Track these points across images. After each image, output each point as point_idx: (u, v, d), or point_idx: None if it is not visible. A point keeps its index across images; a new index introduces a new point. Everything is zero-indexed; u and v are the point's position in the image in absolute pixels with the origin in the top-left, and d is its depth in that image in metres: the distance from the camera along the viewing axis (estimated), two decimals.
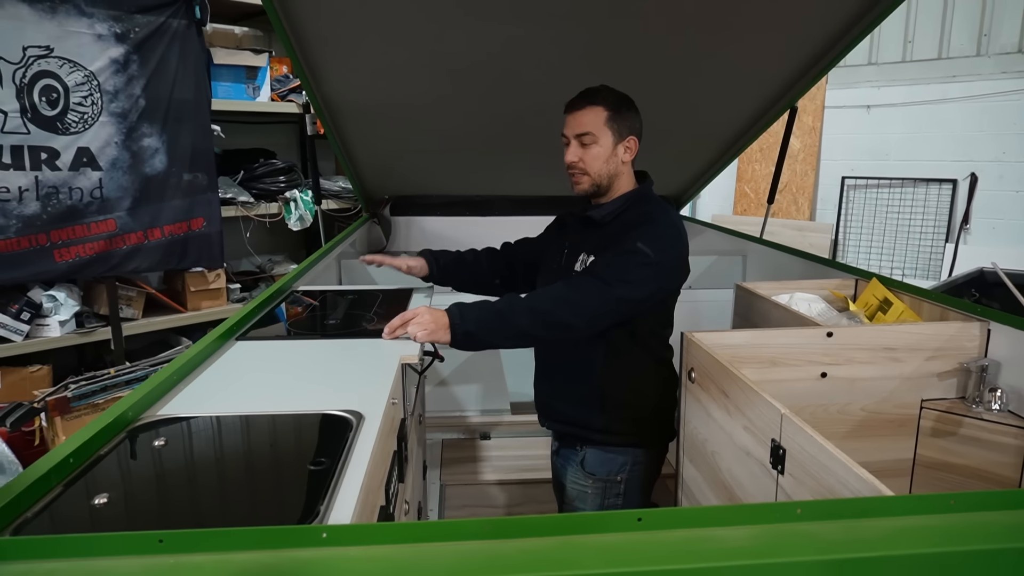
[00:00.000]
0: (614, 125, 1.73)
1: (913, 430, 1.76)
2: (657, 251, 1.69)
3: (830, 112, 5.47)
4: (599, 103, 1.73)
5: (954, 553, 0.77)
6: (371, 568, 0.73)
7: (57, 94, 3.28)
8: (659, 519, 0.81)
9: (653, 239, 1.69)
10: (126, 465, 0.95)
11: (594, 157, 1.73)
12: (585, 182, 1.76)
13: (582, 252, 1.80)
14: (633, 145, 1.77)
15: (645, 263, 1.67)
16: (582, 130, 1.72)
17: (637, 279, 1.67)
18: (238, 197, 4.09)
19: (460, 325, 1.55)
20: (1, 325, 3.25)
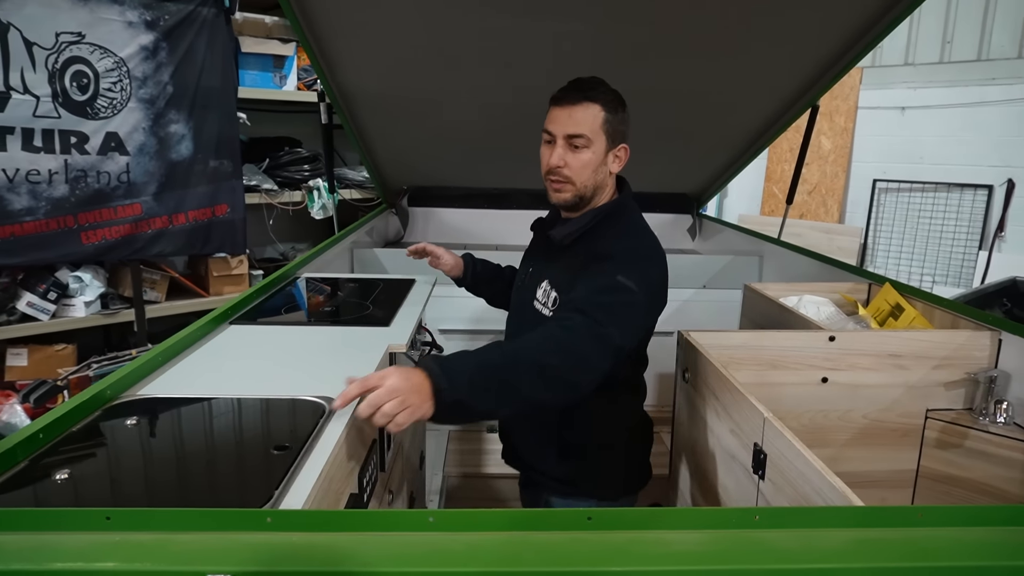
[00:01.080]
0: (609, 129, 1.48)
1: (917, 440, 1.71)
2: (639, 282, 1.40)
3: (863, 113, 5.34)
4: (597, 100, 1.47)
5: (911, 569, 0.74)
6: (311, 555, 0.73)
7: (88, 80, 3.35)
8: (609, 519, 0.79)
9: (631, 268, 1.41)
10: (94, 443, 0.97)
11: (584, 164, 1.47)
12: (568, 192, 1.50)
13: (545, 279, 1.56)
14: (623, 155, 1.54)
15: (631, 302, 1.38)
16: (576, 130, 1.46)
17: (627, 323, 1.37)
18: (262, 185, 4.14)
19: (448, 392, 1.13)
20: (29, 304, 3.34)
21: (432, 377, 1.12)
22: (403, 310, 1.69)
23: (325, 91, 2.56)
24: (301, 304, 1.81)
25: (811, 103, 2.65)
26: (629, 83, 2.41)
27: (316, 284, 2.01)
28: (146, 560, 0.71)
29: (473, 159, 3.16)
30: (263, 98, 4.13)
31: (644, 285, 1.41)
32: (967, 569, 0.75)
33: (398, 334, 1.50)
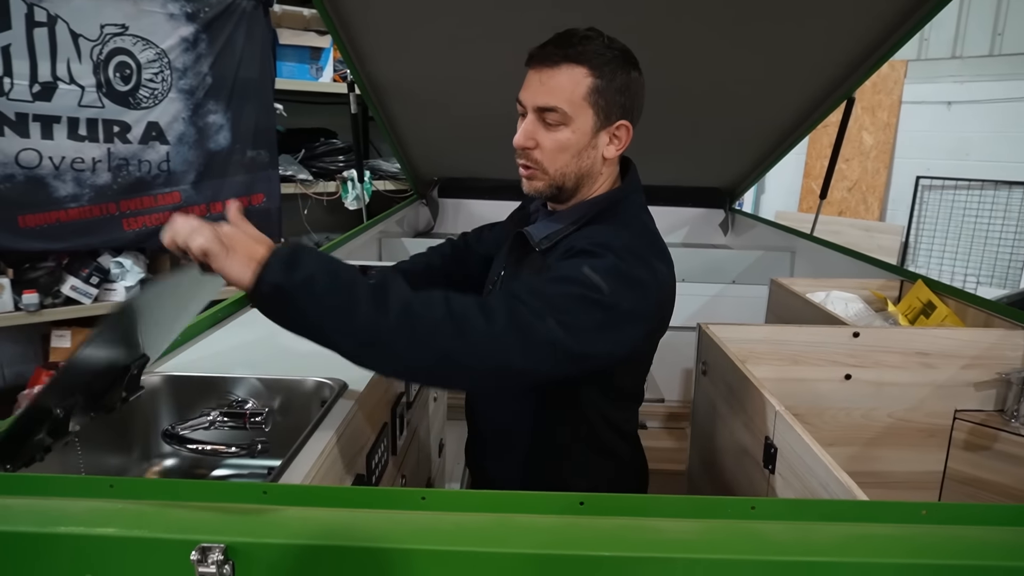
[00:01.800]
0: (600, 101, 1.13)
1: (944, 441, 1.66)
2: (614, 286, 1.03)
3: (907, 108, 5.18)
4: (584, 62, 1.11)
5: (909, 566, 0.72)
6: (303, 528, 0.74)
7: (130, 70, 3.43)
8: (602, 505, 0.79)
9: (609, 265, 1.05)
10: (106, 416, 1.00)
11: (559, 146, 1.14)
12: (540, 180, 1.18)
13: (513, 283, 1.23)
14: (624, 135, 1.19)
15: (592, 300, 1.01)
16: (547, 102, 1.12)
17: (578, 322, 1.00)
18: (298, 175, 4.21)
19: (277, 273, 0.88)
20: (72, 288, 3.45)
21: (274, 254, 0.89)
22: None
23: (356, 82, 2.58)
24: None
25: (847, 96, 2.58)
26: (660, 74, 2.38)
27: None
28: (144, 527, 0.73)
29: (504, 151, 3.12)
30: (300, 89, 4.19)
31: (622, 290, 1.03)
32: (968, 568, 0.72)
33: None
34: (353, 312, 0.89)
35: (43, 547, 0.72)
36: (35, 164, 3.13)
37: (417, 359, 0.92)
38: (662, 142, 2.93)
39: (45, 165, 3.16)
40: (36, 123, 3.14)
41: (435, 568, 0.73)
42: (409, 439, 1.55)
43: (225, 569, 0.71)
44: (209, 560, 0.71)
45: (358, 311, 0.89)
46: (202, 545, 0.71)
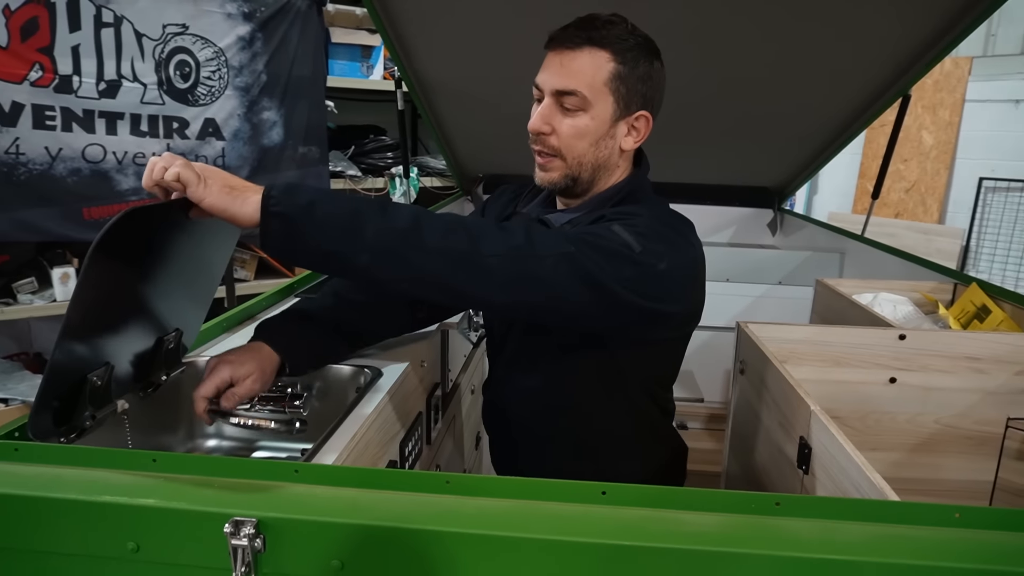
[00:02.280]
0: (621, 88, 1.09)
1: (995, 450, 1.61)
2: (647, 248, 1.01)
3: (971, 106, 4.98)
4: (607, 46, 1.08)
5: (935, 568, 0.71)
6: (331, 507, 0.77)
7: (190, 68, 3.55)
8: (625, 495, 0.79)
9: (640, 230, 1.03)
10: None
11: (578, 133, 1.10)
12: (555, 170, 1.13)
13: None
14: (643, 126, 1.15)
15: (624, 256, 0.99)
16: (567, 85, 1.08)
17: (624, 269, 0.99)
18: (347, 171, 4.29)
19: (280, 202, 0.86)
20: None
21: (271, 188, 0.87)
22: None
23: (403, 79, 2.62)
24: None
25: (902, 93, 2.51)
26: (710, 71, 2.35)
27: None
28: (182, 500, 0.77)
29: None
30: (350, 87, 4.27)
31: (652, 255, 1.01)
32: (1001, 574, 0.70)
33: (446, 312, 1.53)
34: (363, 226, 0.87)
35: (89, 514, 0.77)
36: (100, 158, 3.27)
37: (433, 264, 0.90)
38: (710, 140, 2.90)
39: (109, 159, 3.30)
40: (101, 119, 3.28)
41: (457, 549, 0.74)
42: (445, 430, 1.58)
43: (256, 543, 0.74)
44: (241, 533, 0.74)
45: (368, 224, 0.88)
46: (235, 519, 0.74)
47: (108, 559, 0.77)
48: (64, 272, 3.28)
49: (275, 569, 0.75)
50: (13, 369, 3.22)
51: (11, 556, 0.78)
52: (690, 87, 2.47)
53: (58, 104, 3.10)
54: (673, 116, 1.65)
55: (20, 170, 3.03)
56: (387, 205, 0.91)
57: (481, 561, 0.74)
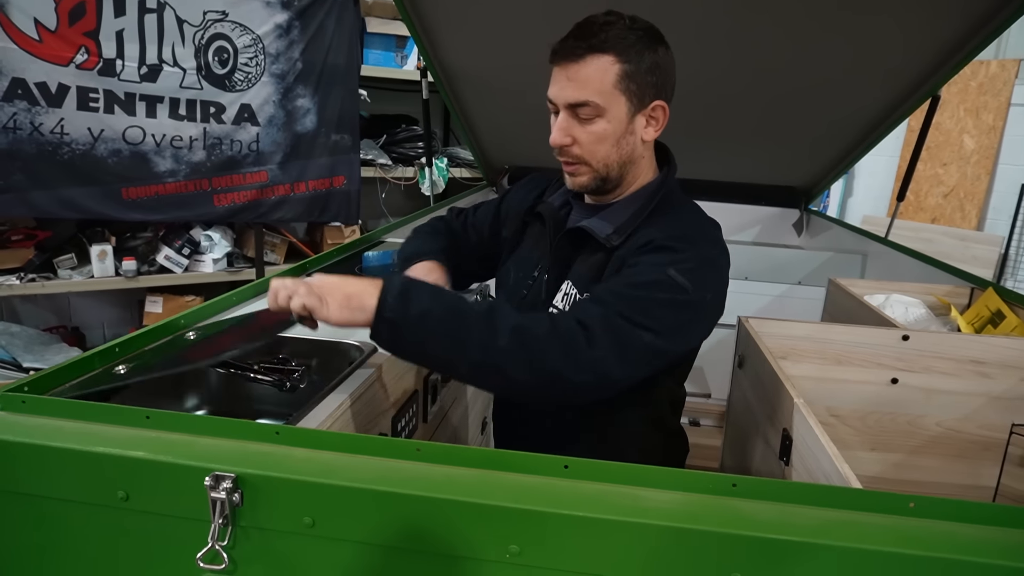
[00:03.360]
0: (632, 86, 1.12)
1: (998, 456, 1.59)
2: (697, 284, 1.08)
3: (1016, 110, 4.84)
4: (609, 50, 1.10)
5: (888, 554, 0.72)
6: (307, 467, 0.81)
7: (228, 55, 3.65)
8: (587, 470, 0.82)
9: (690, 265, 1.09)
10: (158, 359, 1.11)
11: (598, 139, 1.14)
12: (584, 175, 1.18)
13: (567, 280, 1.24)
14: (661, 115, 1.17)
15: (681, 302, 1.07)
16: (579, 97, 1.11)
17: (670, 323, 1.06)
18: (378, 160, 4.36)
19: (393, 309, 0.98)
20: (166, 258, 3.71)
21: (385, 290, 0.99)
22: None
23: (428, 69, 2.66)
24: (374, 263, 1.92)
25: (931, 92, 2.47)
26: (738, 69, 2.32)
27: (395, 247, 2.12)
28: (169, 454, 0.82)
29: None
30: (384, 76, 4.33)
31: (705, 283, 1.10)
32: (949, 562, 0.71)
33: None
34: (467, 339, 0.97)
35: (84, 463, 0.82)
36: (139, 140, 3.38)
37: (528, 379, 1.00)
38: (739, 138, 2.89)
39: (148, 142, 3.41)
40: (142, 102, 3.39)
41: (422, 513, 0.78)
42: (445, 410, 1.62)
43: (235, 497, 0.79)
44: (220, 487, 0.78)
45: (471, 338, 0.97)
46: (216, 473, 0.79)
47: (100, 506, 0.83)
48: (102, 250, 3.41)
49: (251, 522, 0.80)
50: (51, 341, 3.36)
51: (12, 500, 0.84)
52: (720, 85, 2.47)
53: (101, 87, 3.22)
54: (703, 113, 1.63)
55: (64, 150, 3.15)
56: (495, 311, 1.01)
57: (444, 525, 0.78)
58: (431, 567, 0.79)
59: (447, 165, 4.60)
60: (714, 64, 2.40)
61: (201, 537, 0.80)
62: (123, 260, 3.46)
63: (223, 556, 0.80)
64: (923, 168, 5.20)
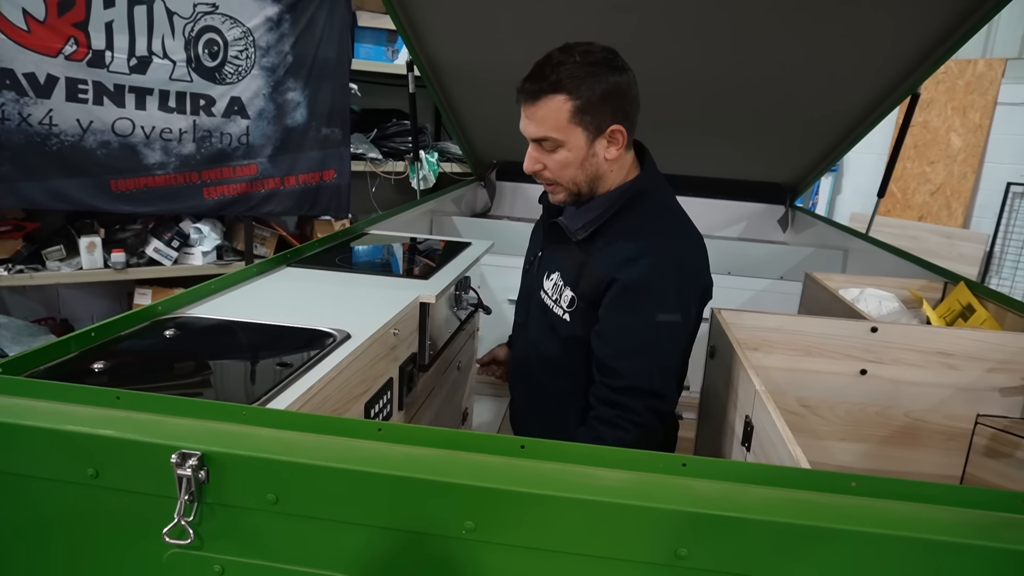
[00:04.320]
0: (586, 118, 1.26)
1: (964, 446, 1.62)
2: (682, 304, 1.31)
3: (1003, 109, 4.87)
4: (561, 90, 1.25)
5: (827, 530, 0.75)
6: (271, 446, 0.84)
7: (218, 47, 3.65)
8: (543, 451, 0.85)
9: (668, 294, 1.29)
10: (134, 345, 1.13)
11: (562, 165, 1.31)
12: (560, 192, 1.38)
13: (556, 271, 1.44)
14: (620, 137, 1.32)
15: (678, 336, 1.33)
16: (538, 133, 1.29)
17: (676, 353, 1.34)
18: (368, 154, 4.37)
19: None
20: (155, 250, 3.72)
21: None
22: (447, 268, 1.78)
23: (414, 63, 2.68)
24: (358, 255, 1.94)
25: (912, 90, 2.50)
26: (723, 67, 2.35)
27: (378, 239, 2.15)
28: (137, 432, 0.84)
29: None
30: (375, 71, 4.34)
31: (682, 300, 1.33)
32: (886, 537, 0.74)
33: (432, 287, 1.60)
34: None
35: (55, 441, 0.85)
36: (128, 132, 3.39)
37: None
38: (726, 135, 2.91)
39: (137, 134, 3.42)
40: (131, 94, 3.40)
41: (381, 490, 0.80)
42: (423, 398, 1.64)
43: (200, 474, 0.82)
44: (186, 464, 0.81)
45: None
46: (182, 451, 0.81)
47: (70, 484, 0.85)
48: (91, 241, 3.42)
49: (217, 499, 0.83)
50: (39, 332, 3.38)
51: None
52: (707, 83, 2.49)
53: (91, 78, 3.22)
54: (691, 111, 1.67)
55: (52, 141, 3.16)
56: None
57: (403, 502, 0.80)
58: (390, 542, 0.82)
59: (437, 159, 4.61)
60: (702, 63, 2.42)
61: (168, 513, 0.82)
62: (112, 252, 3.47)
63: (189, 532, 0.83)
64: (911, 166, 5.24)
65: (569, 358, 1.43)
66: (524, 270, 1.61)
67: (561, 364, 1.45)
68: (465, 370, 2.10)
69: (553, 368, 1.47)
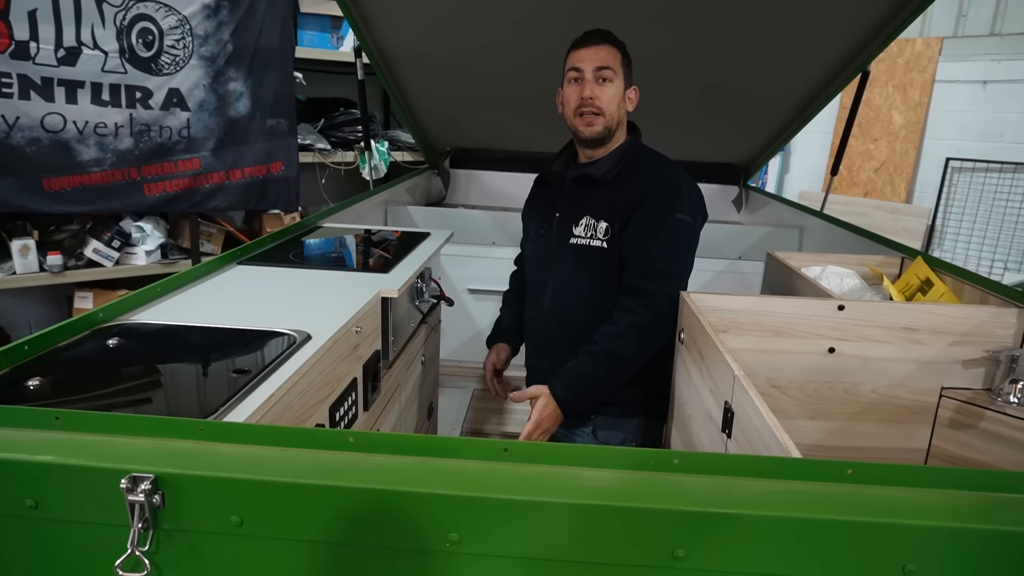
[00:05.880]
0: (626, 69, 1.69)
1: (930, 419, 1.64)
2: (693, 212, 1.70)
3: (941, 87, 5.00)
4: (614, 44, 1.68)
5: (826, 521, 0.72)
6: (232, 463, 0.77)
7: (152, 37, 3.48)
8: (527, 453, 0.80)
9: (684, 201, 1.66)
10: (74, 358, 1.04)
11: (612, 97, 1.66)
12: (599, 124, 1.67)
13: (584, 216, 1.71)
14: (635, 96, 1.73)
15: (691, 236, 1.70)
16: (603, 63, 1.65)
17: (690, 254, 1.70)
18: (316, 144, 4.25)
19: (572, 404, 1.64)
20: (95, 251, 3.54)
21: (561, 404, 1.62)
22: (407, 260, 1.72)
23: (363, 49, 2.59)
24: (311, 249, 1.86)
25: (861, 69, 2.52)
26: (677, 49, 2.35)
27: (333, 233, 2.07)
28: (82, 456, 0.77)
29: (516, 122, 3.15)
30: (320, 58, 4.20)
31: (695, 211, 1.72)
32: (887, 526, 0.72)
33: (393, 281, 1.53)
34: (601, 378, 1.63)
35: None
36: (59, 128, 3.20)
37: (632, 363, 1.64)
38: (680, 116, 2.89)
39: (69, 129, 3.23)
40: (61, 87, 3.21)
41: (357, 505, 0.75)
42: (388, 396, 1.58)
43: (155, 499, 0.75)
44: (139, 489, 0.74)
45: (601, 375, 1.63)
46: (133, 475, 0.74)
47: (6, 516, 0.77)
48: (24, 244, 3.23)
49: (174, 524, 0.76)
50: None
51: None
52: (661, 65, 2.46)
53: (15, 71, 3.03)
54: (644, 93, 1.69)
55: None
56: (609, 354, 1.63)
57: (381, 516, 0.75)
58: (369, 561, 0.77)
59: (388, 149, 4.51)
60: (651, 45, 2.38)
61: (120, 543, 0.75)
62: (48, 255, 3.29)
63: (144, 562, 0.76)
64: (855, 144, 5.34)
65: (603, 288, 1.70)
66: (532, 238, 1.86)
67: (595, 295, 1.70)
68: (430, 364, 2.04)
69: (587, 300, 1.72)
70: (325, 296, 1.43)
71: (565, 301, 1.76)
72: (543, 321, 1.82)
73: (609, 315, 1.66)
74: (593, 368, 1.61)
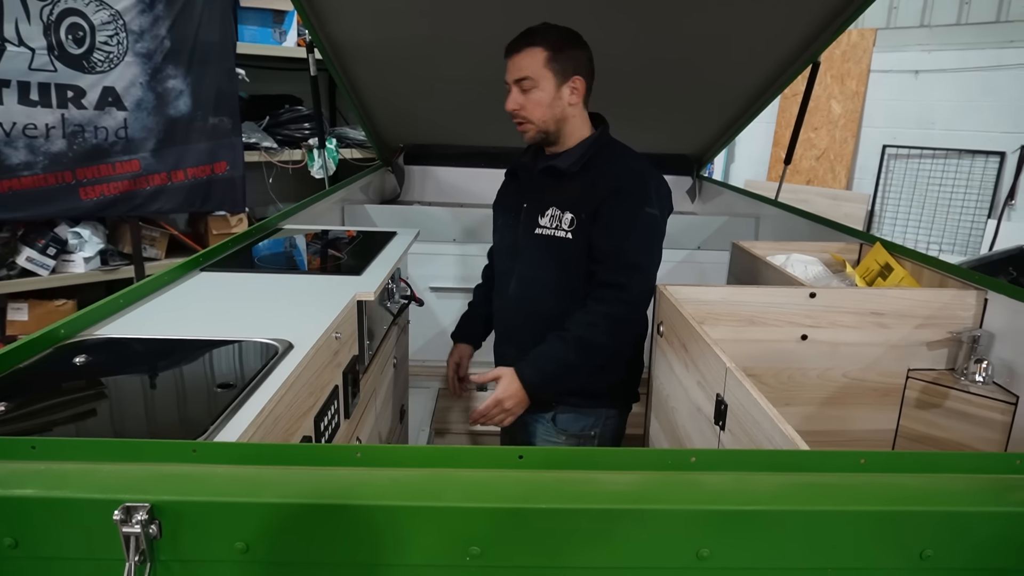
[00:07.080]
0: (555, 66, 1.62)
1: (897, 400, 1.69)
2: (660, 205, 1.69)
3: (875, 76, 5.19)
4: (538, 43, 1.62)
5: (844, 513, 0.72)
6: (233, 486, 0.72)
7: (83, 32, 3.31)
8: (542, 458, 0.78)
9: (652, 195, 1.65)
10: (38, 378, 0.97)
11: (536, 103, 1.63)
12: (531, 130, 1.67)
13: (551, 207, 1.69)
14: (580, 85, 1.66)
15: (660, 229, 1.70)
16: (520, 75, 1.62)
17: (660, 247, 1.71)
18: (262, 143, 4.12)
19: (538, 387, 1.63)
20: (28, 259, 3.36)
21: (526, 384, 1.61)
22: (377, 261, 1.67)
23: (315, 43, 2.51)
24: (276, 253, 1.80)
25: (811, 60, 2.57)
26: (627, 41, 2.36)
27: (296, 235, 2.00)
28: (66, 488, 0.71)
29: (471, 117, 3.11)
30: (262, 54, 4.08)
31: (661, 205, 1.71)
32: (907, 513, 0.73)
33: (368, 283, 1.49)
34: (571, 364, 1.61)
35: None
36: None
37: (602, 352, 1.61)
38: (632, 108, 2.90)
39: None
40: None
41: (370, 522, 0.71)
42: (365, 403, 1.53)
43: (151, 529, 0.70)
44: (133, 520, 0.68)
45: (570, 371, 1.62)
46: (126, 505, 0.69)
47: None
48: None
49: (173, 555, 0.71)
50: None
51: None
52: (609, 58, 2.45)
53: None
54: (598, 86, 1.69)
55: None
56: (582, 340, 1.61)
57: (396, 532, 0.72)
58: None
59: (336, 146, 4.41)
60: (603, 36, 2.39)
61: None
62: None
63: None
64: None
65: (567, 278, 1.69)
66: (500, 228, 1.88)
67: (560, 285, 1.70)
68: (400, 366, 1.99)
69: (552, 290, 1.71)
70: (299, 301, 1.37)
71: (530, 290, 1.76)
72: (510, 311, 1.83)
73: (574, 305, 1.66)
74: (563, 353, 1.60)
